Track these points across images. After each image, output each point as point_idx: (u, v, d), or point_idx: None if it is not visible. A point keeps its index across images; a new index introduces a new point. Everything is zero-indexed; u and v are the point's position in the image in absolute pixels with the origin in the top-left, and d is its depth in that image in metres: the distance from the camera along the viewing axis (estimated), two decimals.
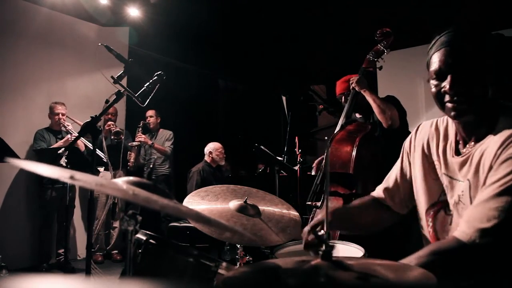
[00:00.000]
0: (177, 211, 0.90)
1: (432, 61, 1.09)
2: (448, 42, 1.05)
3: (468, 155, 1.08)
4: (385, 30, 2.44)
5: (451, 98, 1.05)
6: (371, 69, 2.45)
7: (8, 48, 4.14)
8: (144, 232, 1.29)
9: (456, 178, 1.11)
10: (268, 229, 1.52)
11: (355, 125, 2.49)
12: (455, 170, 1.12)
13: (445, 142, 1.18)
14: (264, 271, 0.81)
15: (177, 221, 4.01)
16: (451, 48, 1.04)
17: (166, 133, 4.95)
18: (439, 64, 1.06)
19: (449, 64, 1.04)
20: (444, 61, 1.05)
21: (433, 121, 1.26)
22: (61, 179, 0.76)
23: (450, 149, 1.16)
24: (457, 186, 1.11)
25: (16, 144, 3.61)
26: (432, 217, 1.17)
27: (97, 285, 0.37)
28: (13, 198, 4.09)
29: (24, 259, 4.06)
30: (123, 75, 2.26)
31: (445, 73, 1.05)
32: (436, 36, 1.10)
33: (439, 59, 1.06)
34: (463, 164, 1.09)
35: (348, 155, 2.28)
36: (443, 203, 1.15)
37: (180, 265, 1.27)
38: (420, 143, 1.25)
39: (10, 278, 0.35)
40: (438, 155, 1.18)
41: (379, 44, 2.44)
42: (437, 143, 1.20)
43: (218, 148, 4.52)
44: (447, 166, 1.15)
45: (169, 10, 4.58)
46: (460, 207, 1.08)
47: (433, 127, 1.24)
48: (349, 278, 0.68)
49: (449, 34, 1.06)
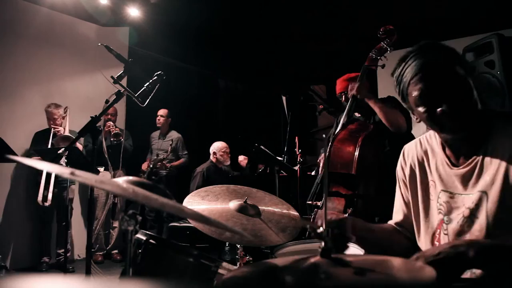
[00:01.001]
0: (177, 210, 0.90)
1: (411, 89, 1.07)
2: (424, 64, 1.04)
3: (471, 166, 1.06)
4: (388, 28, 2.39)
5: (443, 120, 1.03)
6: (373, 67, 2.40)
7: (8, 48, 4.14)
8: (144, 232, 1.29)
9: (458, 193, 1.09)
10: (268, 229, 1.52)
11: (356, 125, 2.45)
12: (455, 183, 1.10)
13: (434, 159, 1.17)
14: (264, 271, 0.81)
15: (177, 221, 4.01)
16: (428, 70, 1.03)
17: (175, 136, 4.87)
18: (419, 91, 1.04)
19: (431, 87, 1.02)
20: (425, 85, 1.03)
21: (416, 141, 1.25)
22: (62, 175, 0.76)
23: (441, 164, 1.14)
24: (462, 200, 1.08)
25: (16, 144, 3.61)
26: (438, 240, 1.14)
27: (97, 285, 0.37)
28: (13, 198, 4.09)
29: (24, 259, 4.07)
30: (123, 75, 2.27)
31: (429, 97, 1.03)
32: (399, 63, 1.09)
33: (418, 85, 1.04)
34: (468, 176, 1.07)
35: (351, 156, 2.25)
36: (439, 223, 1.13)
37: (180, 265, 1.27)
38: (410, 166, 1.24)
39: (10, 278, 0.35)
40: (431, 173, 1.17)
41: (382, 42, 2.39)
42: (428, 162, 1.19)
43: (222, 148, 4.44)
44: (443, 182, 1.13)
45: (169, 10, 4.58)
46: (470, 220, 1.05)
47: (420, 148, 1.22)
48: (348, 274, 0.68)
49: (422, 56, 1.05)
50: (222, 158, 4.42)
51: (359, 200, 2.23)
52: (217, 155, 4.41)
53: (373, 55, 2.40)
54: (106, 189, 4.28)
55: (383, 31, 2.39)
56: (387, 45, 2.38)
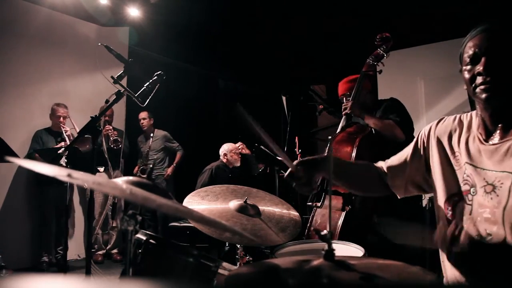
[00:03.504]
0: (176, 210, 0.90)
1: (465, 49, 1.13)
2: (484, 29, 1.09)
3: (502, 145, 1.08)
4: (384, 35, 2.52)
5: (484, 79, 1.07)
6: (371, 73, 2.52)
7: (8, 48, 4.14)
8: (144, 232, 1.29)
9: (482, 167, 1.11)
10: (268, 229, 1.52)
11: (355, 127, 2.51)
12: (483, 158, 1.12)
13: (467, 133, 1.19)
14: (265, 271, 0.81)
15: (177, 221, 4.01)
16: (487, 34, 1.09)
17: (162, 134, 4.95)
18: (473, 49, 1.09)
19: (484, 47, 1.08)
20: (478, 45, 1.09)
21: (456, 115, 1.28)
22: (59, 177, 0.76)
23: (473, 139, 1.17)
24: (484, 175, 1.10)
25: (16, 144, 3.61)
26: (451, 206, 1.17)
27: (97, 285, 0.37)
28: (13, 198, 4.09)
29: (24, 259, 4.06)
30: (123, 75, 2.27)
31: (479, 56, 1.08)
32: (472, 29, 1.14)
33: (473, 44, 1.10)
34: (496, 153, 1.09)
35: (348, 156, 2.30)
36: (463, 193, 1.14)
37: (180, 265, 1.27)
38: (440, 134, 1.26)
39: (10, 278, 0.35)
40: (460, 145, 1.19)
41: (379, 49, 2.51)
42: (459, 134, 1.21)
43: (232, 149, 4.39)
44: (470, 156, 1.15)
45: (169, 10, 4.58)
46: (489, 197, 1.07)
47: (456, 121, 1.25)
48: (351, 278, 0.68)
49: (486, 23, 1.10)
50: (232, 159, 4.38)
51: (357, 198, 2.27)
52: (227, 157, 4.36)
53: (370, 61, 2.52)
54: (104, 191, 4.25)
55: (380, 38, 2.53)
56: (383, 51, 2.51)
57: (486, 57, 1.06)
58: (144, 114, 4.91)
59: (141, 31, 4.92)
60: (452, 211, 1.16)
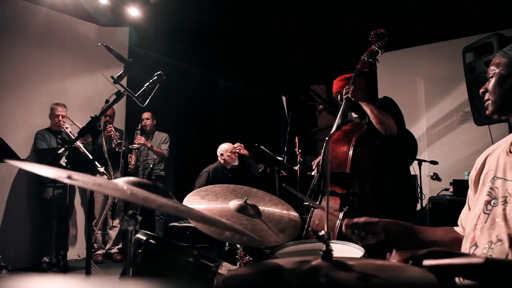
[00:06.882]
0: (176, 210, 0.90)
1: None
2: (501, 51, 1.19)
3: None
4: (379, 31, 2.46)
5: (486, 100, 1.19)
6: (366, 70, 2.45)
7: (8, 48, 4.14)
8: (144, 232, 1.29)
9: (506, 178, 1.11)
10: (268, 229, 1.52)
11: (350, 125, 2.50)
12: (506, 169, 1.12)
13: (499, 151, 1.21)
14: (265, 271, 0.81)
15: (177, 221, 4.01)
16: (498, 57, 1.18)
17: (162, 136, 4.94)
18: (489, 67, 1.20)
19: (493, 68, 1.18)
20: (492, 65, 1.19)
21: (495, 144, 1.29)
22: (59, 179, 0.75)
23: (502, 153, 1.18)
24: (509, 186, 1.10)
25: (16, 144, 3.61)
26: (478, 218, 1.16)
27: (97, 285, 0.37)
28: (13, 198, 4.09)
29: (24, 259, 4.06)
30: (123, 75, 2.27)
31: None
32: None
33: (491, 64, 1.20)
34: None
35: (345, 155, 2.29)
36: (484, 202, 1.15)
37: (180, 265, 1.27)
38: (477, 165, 1.27)
39: (10, 278, 0.35)
40: (492, 163, 1.20)
41: (374, 45, 2.46)
42: (493, 155, 1.22)
43: (229, 149, 4.38)
44: (497, 169, 1.16)
45: (169, 10, 4.58)
46: (506, 207, 1.07)
47: (493, 147, 1.26)
48: (349, 278, 0.68)
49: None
50: (229, 158, 4.37)
51: (355, 199, 2.26)
52: (224, 156, 4.36)
53: (365, 58, 2.46)
54: (105, 192, 4.31)
55: (374, 34, 2.47)
56: (378, 47, 2.44)
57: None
58: (147, 114, 4.90)
59: (141, 31, 4.93)
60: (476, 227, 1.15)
